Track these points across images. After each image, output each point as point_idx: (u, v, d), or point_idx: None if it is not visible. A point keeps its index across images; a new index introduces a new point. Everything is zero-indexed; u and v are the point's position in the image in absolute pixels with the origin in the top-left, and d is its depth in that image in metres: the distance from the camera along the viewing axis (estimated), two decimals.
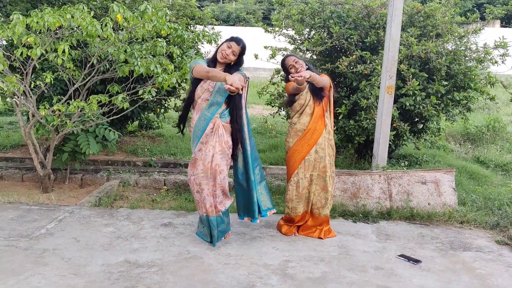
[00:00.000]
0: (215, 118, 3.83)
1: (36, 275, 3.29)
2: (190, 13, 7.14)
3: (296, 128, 4.18)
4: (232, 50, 3.87)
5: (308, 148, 4.12)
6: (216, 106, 3.84)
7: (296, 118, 4.19)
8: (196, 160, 3.85)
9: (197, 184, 3.84)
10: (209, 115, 3.83)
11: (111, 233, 4.10)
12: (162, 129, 8.21)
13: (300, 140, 4.14)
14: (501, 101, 10.80)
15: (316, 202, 4.21)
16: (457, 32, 6.20)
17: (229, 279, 3.34)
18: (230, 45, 3.86)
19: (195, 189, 3.88)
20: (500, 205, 4.98)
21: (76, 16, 4.28)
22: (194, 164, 3.86)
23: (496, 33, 6.89)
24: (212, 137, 3.83)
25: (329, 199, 4.19)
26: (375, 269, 3.61)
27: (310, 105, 4.14)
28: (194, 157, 3.87)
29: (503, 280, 3.51)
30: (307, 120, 4.14)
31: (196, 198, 3.92)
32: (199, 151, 3.85)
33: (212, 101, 3.83)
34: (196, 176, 3.84)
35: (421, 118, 6.30)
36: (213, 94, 3.83)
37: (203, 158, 3.82)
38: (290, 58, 4.21)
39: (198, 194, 3.88)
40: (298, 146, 4.15)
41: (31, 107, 4.87)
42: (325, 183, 4.16)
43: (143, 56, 4.93)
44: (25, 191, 5.31)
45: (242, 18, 34.28)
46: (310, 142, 4.12)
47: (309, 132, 4.12)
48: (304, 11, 6.50)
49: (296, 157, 4.15)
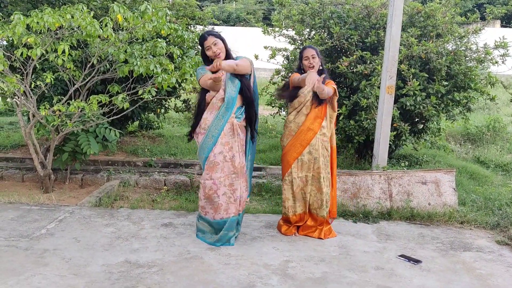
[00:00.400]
0: (232, 118, 3.88)
1: (36, 275, 3.29)
2: (190, 13, 7.15)
3: (290, 127, 4.20)
4: (210, 46, 3.88)
5: (301, 148, 4.12)
6: (232, 102, 3.87)
7: (292, 116, 4.20)
8: (216, 164, 3.85)
9: (214, 190, 3.86)
10: (228, 114, 3.86)
11: (111, 233, 4.10)
12: (163, 129, 8.21)
13: (293, 140, 4.15)
14: (501, 101, 10.81)
15: (313, 202, 4.22)
16: (458, 32, 6.20)
17: (230, 279, 3.34)
18: (207, 46, 3.89)
19: (210, 194, 3.88)
20: (500, 205, 4.98)
21: (76, 16, 4.28)
22: (213, 169, 3.86)
23: (496, 33, 6.89)
24: (232, 138, 3.88)
25: (324, 200, 4.17)
26: (375, 269, 3.61)
27: (308, 105, 4.14)
28: (213, 160, 3.86)
29: (503, 280, 3.51)
30: (302, 120, 4.14)
31: (210, 202, 3.91)
32: (220, 154, 3.85)
33: (228, 97, 3.85)
34: (214, 181, 3.86)
35: (421, 118, 6.30)
36: (227, 89, 3.86)
37: (227, 160, 3.86)
38: (310, 50, 4.15)
39: (212, 199, 3.88)
40: (291, 146, 4.16)
41: (31, 107, 4.87)
42: (319, 184, 4.16)
43: (143, 56, 4.94)
44: (26, 191, 5.31)
45: (242, 18, 34.26)
46: (303, 143, 4.12)
47: (302, 132, 4.12)
48: (304, 11, 6.50)
49: (289, 157, 4.16)
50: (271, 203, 5.18)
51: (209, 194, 3.89)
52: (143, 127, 7.87)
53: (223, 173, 3.87)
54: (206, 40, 3.90)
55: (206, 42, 3.90)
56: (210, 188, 3.88)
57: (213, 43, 3.88)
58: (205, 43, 3.91)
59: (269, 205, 5.10)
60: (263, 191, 5.54)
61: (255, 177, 5.88)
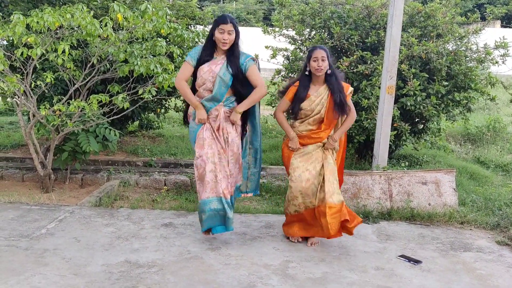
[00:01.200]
0: (220, 106, 3.86)
1: (36, 275, 3.29)
2: (190, 13, 7.14)
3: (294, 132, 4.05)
4: (227, 32, 3.76)
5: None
6: (220, 96, 3.85)
7: (297, 123, 4.02)
8: (203, 140, 3.86)
9: (203, 167, 3.82)
10: (214, 104, 3.86)
11: (111, 233, 4.10)
12: (163, 129, 8.20)
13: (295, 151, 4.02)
14: (501, 101, 10.79)
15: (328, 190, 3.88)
16: (458, 32, 6.20)
17: (230, 279, 3.34)
18: (222, 29, 3.75)
19: (200, 172, 3.84)
20: (501, 206, 4.98)
21: (76, 16, 4.29)
22: (202, 146, 3.87)
23: (496, 33, 6.88)
24: (225, 122, 3.87)
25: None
26: (375, 270, 3.61)
27: (316, 118, 3.94)
28: (201, 136, 3.87)
29: (503, 281, 3.51)
30: (307, 128, 3.98)
31: (201, 181, 3.86)
32: (207, 130, 3.87)
33: (216, 93, 3.83)
34: (202, 157, 3.82)
35: (422, 118, 6.30)
36: (216, 85, 3.82)
37: (215, 137, 3.87)
38: (321, 51, 3.84)
39: (203, 178, 3.83)
40: (290, 153, 4.06)
41: (31, 107, 4.87)
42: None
43: (143, 55, 4.93)
44: (26, 191, 5.31)
45: (243, 18, 34.28)
46: (304, 143, 4.01)
47: (309, 139, 3.98)
48: (304, 11, 6.50)
49: (288, 151, 4.07)
50: (271, 203, 5.18)
51: (200, 173, 3.82)
52: (143, 127, 7.87)
53: (211, 150, 3.80)
54: (225, 24, 3.74)
55: (224, 26, 3.74)
56: (199, 166, 3.81)
57: (229, 32, 3.76)
58: (222, 26, 3.75)
59: (269, 205, 5.10)
60: (263, 191, 5.53)
61: None
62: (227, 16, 3.83)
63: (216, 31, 3.78)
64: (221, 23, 3.76)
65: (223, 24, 3.76)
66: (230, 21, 3.78)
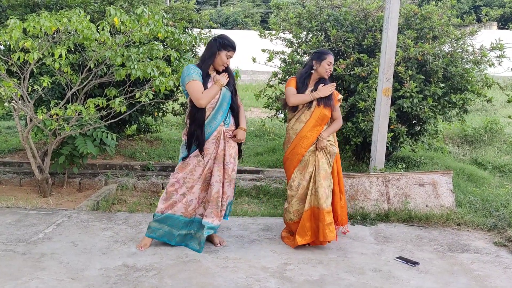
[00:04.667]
0: (221, 126, 3.85)
1: (34, 279, 3.29)
2: (187, 16, 7.16)
3: (289, 134, 4.13)
4: (230, 57, 3.84)
5: (300, 157, 4.04)
6: (222, 113, 3.85)
7: (292, 123, 4.12)
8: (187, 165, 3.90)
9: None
10: (216, 123, 3.84)
11: (109, 237, 4.10)
12: (160, 133, 8.21)
13: (293, 148, 4.06)
14: (498, 102, 10.81)
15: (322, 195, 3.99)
16: (454, 34, 6.22)
17: (227, 282, 3.34)
18: (230, 55, 3.80)
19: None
20: (498, 207, 4.99)
21: (72, 20, 4.29)
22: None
23: (493, 35, 6.92)
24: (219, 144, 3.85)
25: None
26: (373, 271, 3.61)
27: (306, 112, 4.05)
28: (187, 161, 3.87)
29: (501, 282, 3.51)
30: (300, 127, 4.05)
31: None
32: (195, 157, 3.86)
33: (218, 109, 3.83)
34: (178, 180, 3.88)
35: (419, 120, 6.32)
36: (219, 103, 3.83)
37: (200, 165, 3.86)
38: (332, 57, 4.06)
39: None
40: (290, 154, 4.09)
41: (29, 111, 4.87)
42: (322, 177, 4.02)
43: (140, 59, 4.94)
44: (23, 196, 5.30)
45: (240, 21, 34.34)
46: (301, 151, 4.02)
47: (302, 140, 4.02)
48: (301, 14, 6.52)
49: (290, 165, 4.10)
50: (269, 206, 5.18)
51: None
52: (141, 130, 7.88)
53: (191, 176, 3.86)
54: (234, 52, 3.83)
55: (233, 53, 3.83)
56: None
57: (231, 57, 3.86)
58: (231, 52, 3.81)
59: (267, 208, 5.10)
60: (261, 193, 5.54)
61: (253, 180, 5.89)
62: (233, 44, 3.86)
63: (223, 53, 3.78)
64: (231, 49, 3.80)
65: (233, 51, 3.83)
66: (234, 48, 3.87)
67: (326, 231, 3.87)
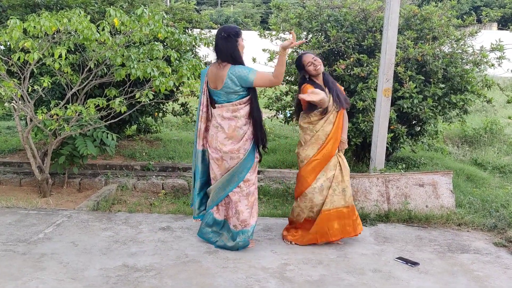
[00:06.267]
0: None
1: (34, 279, 3.29)
2: (187, 16, 7.16)
3: (317, 136, 4.01)
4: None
5: (330, 158, 4.04)
6: None
7: (320, 125, 4.01)
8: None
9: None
10: None
11: (109, 237, 4.10)
12: (160, 133, 8.20)
13: (322, 149, 4.02)
14: (498, 103, 10.79)
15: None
16: (454, 35, 6.22)
17: (227, 283, 3.34)
18: (243, 38, 3.86)
19: None
20: (498, 207, 4.99)
21: (73, 20, 4.29)
22: None
23: (493, 36, 6.91)
24: None
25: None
26: (373, 272, 3.61)
27: (334, 113, 4.02)
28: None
29: (501, 282, 3.52)
30: (329, 128, 4.01)
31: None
32: None
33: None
34: None
35: (419, 121, 6.32)
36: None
37: None
38: (309, 55, 4.02)
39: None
40: (320, 155, 4.02)
41: (29, 111, 4.87)
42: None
43: (140, 59, 4.94)
44: (23, 196, 5.30)
45: (240, 22, 34.34)
46: (333, 152, 4.04)
47: (331, 140, 4.01)
48: (301, 14, 6.52)
49: (316, 166, 4.03)
50: (269, 206, 5.18)
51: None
52: (141, 131, 7.86)
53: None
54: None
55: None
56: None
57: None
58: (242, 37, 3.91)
59: (267, 208, 5.10)
60: (260, 194, 5.54)
61: None
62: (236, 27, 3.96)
63: (240, 40, 3.83)
64: (241, 33, 3.87)
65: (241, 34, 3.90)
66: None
67: (358, 225, 4.14)
